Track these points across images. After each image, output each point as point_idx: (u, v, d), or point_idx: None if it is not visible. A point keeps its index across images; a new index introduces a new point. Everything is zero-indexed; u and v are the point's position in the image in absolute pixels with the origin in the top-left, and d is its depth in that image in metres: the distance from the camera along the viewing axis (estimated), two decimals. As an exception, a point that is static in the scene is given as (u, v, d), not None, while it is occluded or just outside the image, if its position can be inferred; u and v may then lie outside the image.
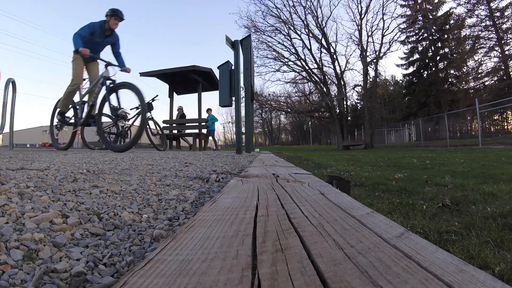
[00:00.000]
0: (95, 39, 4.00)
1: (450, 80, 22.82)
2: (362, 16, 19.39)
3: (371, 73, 20.74)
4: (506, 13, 18.80)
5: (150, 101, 5.89)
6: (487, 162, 3.83)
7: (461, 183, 2.23)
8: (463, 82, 22.33)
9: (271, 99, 24.71)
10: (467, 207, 1.59)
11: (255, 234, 0.46)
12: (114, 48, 4.29)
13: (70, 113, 4.67)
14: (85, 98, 4.33)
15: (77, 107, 4.42)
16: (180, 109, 10.18)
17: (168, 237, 0.46)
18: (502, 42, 19.25)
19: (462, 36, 21.53)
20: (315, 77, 20.86)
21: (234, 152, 5.48)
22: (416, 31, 23.81)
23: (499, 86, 18.84)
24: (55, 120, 4.52)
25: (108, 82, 3.94)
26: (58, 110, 4.35)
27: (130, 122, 6.17)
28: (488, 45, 20.43)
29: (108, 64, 4.05)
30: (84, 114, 4.18)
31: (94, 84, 4.08)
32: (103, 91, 4.06)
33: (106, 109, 4.10)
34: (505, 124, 19.43)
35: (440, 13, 22.18)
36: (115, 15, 4.01)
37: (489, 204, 1.59)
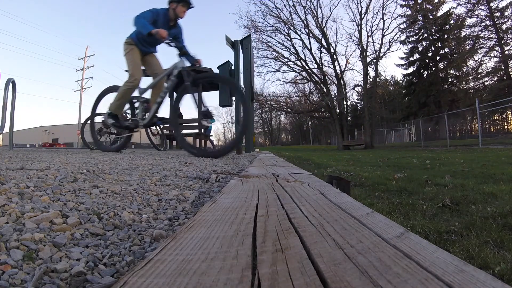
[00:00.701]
0: (158, 28, 3.20)
1: (450, 80, 22.85)
2: (362, 16, 19.42)
3: (371, 73, 20.78)
4: (506, 13, 18.82)
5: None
6: (487, 162, 3.83)
7: (461, 183, 2.23)
8: (463, 82, 22.36)
9: (271, 99, 24.74)
10: (467, 207, 1.59)
11: (255, 234, 0.46)
12: (178, 42, 3.51)
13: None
14: (145, 95, 3.57)
15: (136, 105, 3.65)
16: (177, 109, 10.15)
17: (168, 237, 0.46)
18: (502, 42, 19.26)
19: (462, 36, 21.55)
20: (315, 77, 20.89)
21: (234, 152, 5.48)
22: (416, 31, 23.82)
23: (499, 86, 18.87)
24: (107, 122, 3.63)
25: (186, 73, 3.20)
26: (108, 112, 3.51)
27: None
28: (488, 45, 20.46)
29: (183, 53, 3.29)
30: (150, 113, 3.39)
31: (162, 77, 3.39)
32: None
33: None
34: (505, 124, 19.44)
35: (440, 13, 22.21)
36: (183, 1, 3.21)
37: (489, 204, 1.59)
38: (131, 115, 3.70)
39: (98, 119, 5.88)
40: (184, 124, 4.12)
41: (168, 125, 3.46)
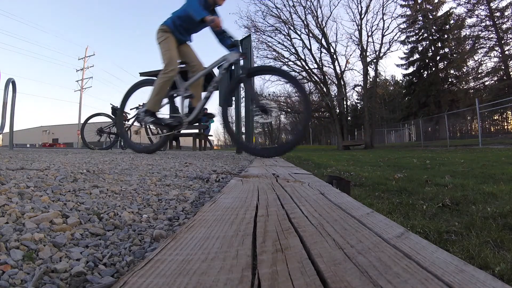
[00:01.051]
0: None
1: (450, 80, 22.86)
2: (362, 16, 19.43)
3: (371, 73, 20.78)
4: (506, 13, 18.83)
5: None
6: (487, 162, 3.83)
7: (461, 183, 2.23)
8: (463, 82, 22.37)
9: (271, 99, 24.73)
10: (467, 207, 1.58)
11: (255, 234, 0.46)
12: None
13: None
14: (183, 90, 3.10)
15: (175, 100, 3.22)
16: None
17: (168, 237, 0.46)
18: (502, 42, 19.28)
19: (462, 36, 21.57)
20: (315, 77, 20.89)
21: (234, 152, 5.48)
22: (416, 31, 23.83)
23: (499, 86, 18.88)
24: (144, 120, 3.16)
25: (240, 66, 2.79)
26: (145, 109, 3.10)
27: (130, 122, 6.17)
28: (488, 45, 20.47)
29: (233, 44, 2.92)
30: (197, 109, 3.01)
31: (209, 70, 3.08)
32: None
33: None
34: (505, 124, 19.46)
35: (440, 13, 22.22)
36: None
37: (489, 204, 1.59)
38: (170, 111, 3.23)
39: (98, 119, 5.90)
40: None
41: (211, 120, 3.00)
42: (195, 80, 3.06)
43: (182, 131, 8.58)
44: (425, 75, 24.16)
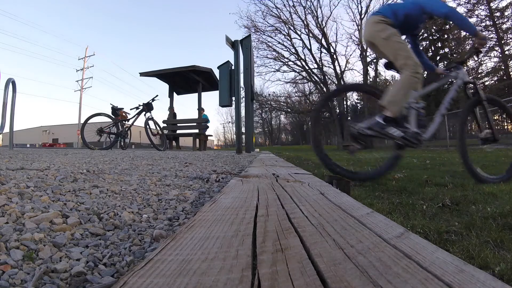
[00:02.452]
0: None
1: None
2: (362, 16, 19.47)
3: (371, 73, 20.82)
4: (506, 13, 18.84)
5: (150, 101, 5.91)
6: (487, 162, 3.83)
7: (461, 183, 2.23)
8: (463, 82, 22.35)
9: (271, 99, 24.80)
10: (467, 207, 1.58)
11: (255, 234, 0.46)
12: (416, 40, 2.62)
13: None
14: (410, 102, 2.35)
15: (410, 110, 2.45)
16: (171, 108, 10.26)
17: (168, 237, 0.46)
18: (502, 42, 19.29)
19: (462, 36, 21.57)
20: (315, 77, 20.92)
21: (234, 152, 5.48)
22: (416, 31, 23.82)
23: (499, 86, 18.89)
24: (385, 132, 2.22)
25: (470, 89, 2.53)
26: (385, 116, 2.21)
27: (130, 122, 6.17)
28: (488, 45, 20.48)
29: (463, 61, 2.54)
30: (434, 126, 2.41)
31: (442, 84, 2.64)
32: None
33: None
34: (505, 124, 19.46)
35: (440, 13, 22.19)
36: None
37: (489, 204, 1.59)
38: (401, 124, 2.35)
39: (98, 119, 5.90)
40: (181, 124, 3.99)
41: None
42: (430, 90, 2.58)
43: (180, 131, 8.61)
44: (425, 75, 24.14)
